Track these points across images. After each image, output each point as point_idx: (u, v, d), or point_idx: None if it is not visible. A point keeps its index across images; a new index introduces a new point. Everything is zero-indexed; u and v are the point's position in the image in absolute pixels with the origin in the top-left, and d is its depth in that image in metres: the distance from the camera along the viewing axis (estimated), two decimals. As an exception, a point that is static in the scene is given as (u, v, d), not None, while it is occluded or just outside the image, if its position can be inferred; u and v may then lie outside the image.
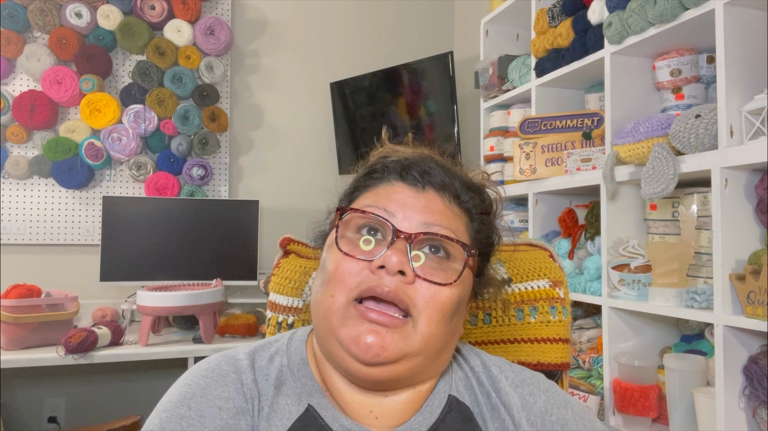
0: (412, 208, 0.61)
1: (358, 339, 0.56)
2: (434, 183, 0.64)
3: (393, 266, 0.57)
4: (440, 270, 0.60)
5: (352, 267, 0.59)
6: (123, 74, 2.64)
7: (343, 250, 0.60)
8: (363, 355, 0.56)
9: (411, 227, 0.60)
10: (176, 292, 2.05)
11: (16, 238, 2.49)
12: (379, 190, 0.64)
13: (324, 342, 0.61)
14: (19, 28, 2.45)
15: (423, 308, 0.58)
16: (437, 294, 0.59)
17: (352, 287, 0.58)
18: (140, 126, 2.56)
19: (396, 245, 0.58)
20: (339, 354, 0.59)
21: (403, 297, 0.57)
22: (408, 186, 0.64)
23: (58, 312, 2.04)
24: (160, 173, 2.61)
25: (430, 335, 0.58)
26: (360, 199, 0.66)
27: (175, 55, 2.61)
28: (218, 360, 0.63)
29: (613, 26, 1.59)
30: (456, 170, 0.67)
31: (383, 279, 0.57)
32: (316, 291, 0.62)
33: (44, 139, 2.48)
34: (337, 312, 0.58)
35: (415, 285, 0.58)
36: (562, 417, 0.66)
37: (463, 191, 0.65)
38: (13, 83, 2.50)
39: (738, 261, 1.28)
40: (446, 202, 0.64)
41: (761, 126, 1.24)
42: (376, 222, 0.61)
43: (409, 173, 0.64)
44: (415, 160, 0.65)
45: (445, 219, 0.62)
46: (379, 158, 0.68)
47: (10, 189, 2.50)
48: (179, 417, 0.56)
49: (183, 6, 2.60)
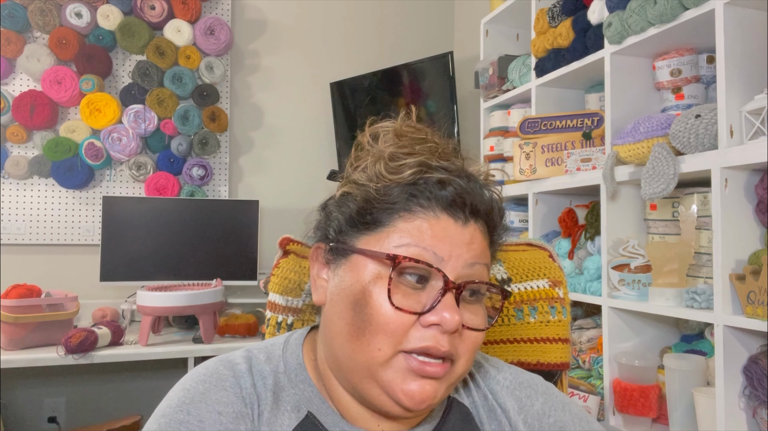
0: (459, 246, 0.58)
1: (412, 393, 0.56)
2: (475, 213, 0.60)
3: (451, 327, 0.55)
4: (477, 311, 0.60)
5: (405, 322, 0.56)
6: (123, 74, 2.64)
7: (395, 304, 0.56)
8: (416, 407, 0.56)
9: (458, 269, 0.58)
10: (176, 292, 2.05)
11: (16, 238, 2.49)
12: (424, 222, 0.58)
13: (358, 384, 0.59)
14: (19, 28, 2.45)
15: (464, 353, 0.58)
16: (476, 339, 0.59)
17: (403, 341, 0.56)
18: (140, 126, 2.56)
19: (447, 299, 0.56)
20: (380, 399, 0.58)
21: (453, 352, 0.57)
22: (453, 219, 0.59)
23: (58, 312, 2.04)
24: (160, 173, 2.61)
25: (464, 371, 0.60)
26: (398, 226, 0.58)
27: (175, 55, 2.61)
28: (216, 365, 0.62)
29: (613, 26, 1.59)
30: (488, 191, 0.63)
31: (438, 338, 0.56)
32: (349, 331, 0.58)
33: (44, 139, 2.48)
34: (383, 363, 0.56)
35: (461, 334, 0.58)
36: (560, 419, 0.66)
37: (497, 217, 0.63)
38: (13, 83, 2.50)
39: (738, 261, 1.28)
40: (483, 234, 0.61)
41: (761, 126, 1.24)
42: (429, 272, 0.58)
43: (454, 204, 0.59)
44: (455, 181, 0.59)
45: (483, 254, 0.60)
46: (413, 174, 0.59)
47: (10, 189, 2.50)
48: (178, 422, 0.56)
49: (183, 6, 2.60)
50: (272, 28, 2.91)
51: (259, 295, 2.60)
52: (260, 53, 2.89)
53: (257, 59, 2.88)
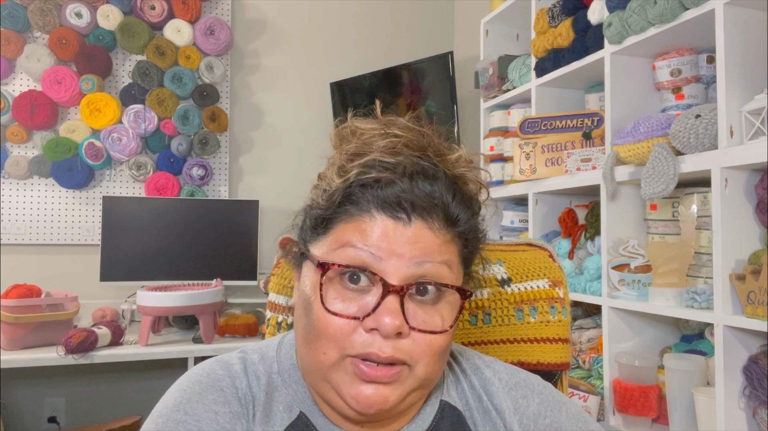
0: (400, 246, 0.55)
1: (358, 396, 0.55)
2: (420, 210, 0.56)
3: (389, 332, 0.53)
4: (434, 312, 0.57)
5: (343, 327, 0.55)
6: (123, 74, 2.64)
7: (330, 310, 0.55)
8: (366, 410, 0.55)
9: (401, 270, 0.55)
10: (176, 292, 2.05)
11: (16, 238, 2.49)
12: (360, 223, 0.56)
13: (316, 386, 0.59)
14: (19, 28, 2.45)
15: (420, 357, 0.56)
16: (433, 342, 0.56)
17: (345, 346, 0.55)
18: (140, 126, 2.56)
19: (388, 302, 0.54)
20: (336, 401, 0.57)
21: (400, 357, 0.55)
22: (392, 219, 0.56)
23: (58, 312, 2.04)
24: (160, 173, 2.61)
25: (427, 375, 0.57)
26: (338, 231, 0.58)
27: (175, 55, 2.61)
28: (212, 365, 0.62)
29: (613, 26, 1.59)
30: (444, 172, 0.59)
31: (378, 343, 0.54)
32: (304, 335, 0.58)
33: (44, 139, 2.48)
34: (331, 366, 0.56)
35: (411, 336, 0.55)
36: (556, 419, 0.66)
37: (456, 207, 0.58)
38: (13, 83, 2.50)
39: (738, 261, 1.28)
40: (435, 231, 0.56)
41: (761, 126, 1.24)
42: (364, 274, 0.56)
43: (391, 201, 0.56)
44: (395, 179, 0.56)
45: (436, 252, 0.56)
46: (355, 175, 0.57)
47: (10, 189, 2.50)
48: (176, 422, 0.56)
49: (183, 6, 2.60)
50: (272, 28, 2.91)
51: (259, 295, 2.60)
52: (260, 53, 2.89)
53: (257, 59, 2.88)
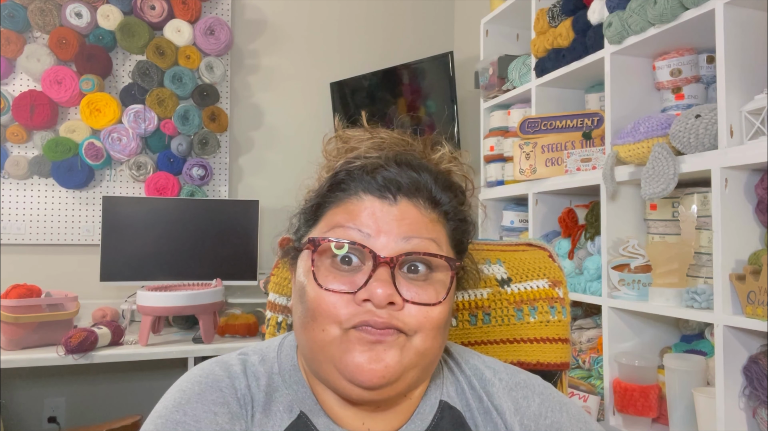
0: (387, 223, 0.58)
1: (361, 367, 0.55)
2: (405, 191, 0.59)
3: (380, 301, 0.55)
4: (427, 286, 0.58)
5: (337, 302, 0.56)
6: (123, 74, 2.64)
7: (323, 286, 0.57)
8: (369, 381, 0.55)
9: (390, 245, 0.57)
10: (176, 292, 2.05)
11: (16, 238, 2.49)
12: (348, 205, 0.60)
13: (319, 371, 0.59)
14: (19, 28, 2.45)
15: (417, 328, 0.57)
16: (429, 314, 0.57)
17: (343, 320, 0.56)
18: (140, 126, 2.56)
19: (379, 274, 0.56)
20: (339, 382, 0.57)
21: (395, 323, 0.56)
22: (379, 199, 0.59)
23: (58, 312, 2.04)
24: (160, 173, 2.61)
25: (425, 349, 0.58)
26: (328, 216, 0.61)
27: (175, 55, 2.61)
28: (212, 366, 0.62)
29: (613, 26, 1.59)
30: (427, 164, 0.63)
31: (374, 312, 0.55)
32: (302, 322, 0.59)
33: (44, 139, 2.48)
34: (331, 342, 0.57)
35: (406, 309, 0.57)
36: (557, 420, 0.65)
37: (439, 191, 0.61)
38: (13, 83, 2.50)
39: (738, 261, 1.28)
40: (421, 209, 0.60)
41: (761, 126, 1.24)
42: (353, 249, 0.58)
43: (377, 184, 0.59)
44: (381, 164, 0.60)
45: (423, 228, 0.59)
46: (342, 164, 0.63)
47: (10, 189, 2.50)
48: (175, 422, 0.56)
49: (183, 6, 2.60)
50: (272, 28, 2.91)
51: (259, 295, 2.60)
52: (260, 53, 2.89)
53: (257, 59, 2.88)
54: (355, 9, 3.03)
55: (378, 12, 3.06)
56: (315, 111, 2.94)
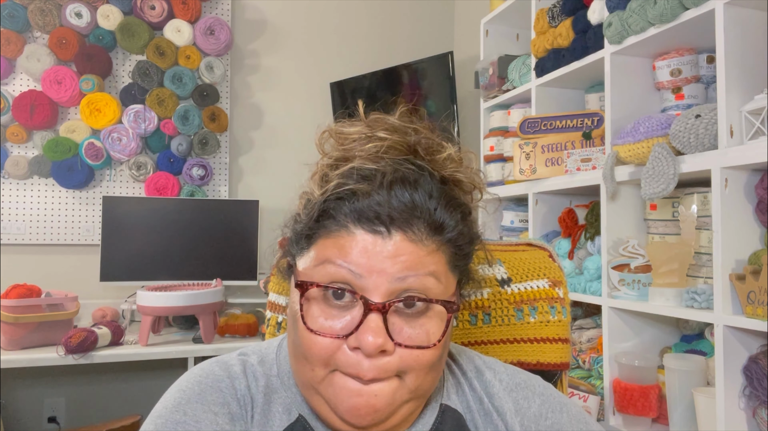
0: (380, 261, 0.53)
1: (351, 410, 0.54)
2: (399, 223, 0.54)
3: (371, 351, 0.52)
4: (419, 328, 0.55)
5: (328, 346, 0.54)
6: (123, 74, 2.64)
7: (312, 329, 0.54)
8: (359, 422, 0.55)
9: (383, 286, 0.53)
10: (176, 292, 2.05)
11: (16, 238, 2.49)
12: (338, 239, 0.55)
13: (311, 401, 0.59)
14: (19, 28, 2.45)
15: (409, 370, 0.55)
16: (421, 357, 0.55)
17: (331, 364, 0.55)
18: (140, 126, 2.56)
19: (369, 320, 0.53)
20: (329, 416, 0.57)
21: (384, 375, 0.54)
22: (371, 234, 0.54)
23: (58, 312, 2.04)
24: (160, 173, 2.61)
25: (418, 385, 0.56)
26: (319, 246, 0.56)
27: (175, 55, 2.61)
28: (212, 366, 0.62)
29: (613, 26, 1.59)
30: (429, 179, 0.56)
31: (363, 365, 0.53)
32: (293, 352, 0.58)
33: (44, 139, 2.48)
34: (321, 382, 0.56)
35: (397, 352, 0.54)
36: (558, 420, 0.65)
37: (442, 212, 0.55)
38: (13, 83, 2.50)
39: (738, 261, 1.28)
40: (417, 244, 0.54)
41: (761, 126, 1.24)
42: (345, 292, 0.55)
43: (368, 216, 0.54)
44: (372, 192, 0.54)
45: (419, 264, 0.54)
46: (333, 188, 0.56)
47: (10, 189, 2.50)
48: (175, 422, 0.56)
49: (183, 6, 2.60)
50: (272, 28, 2.91)
51: (259, 295, 2.60)
52: (260, 53, 2.89)
53: (257, 59, 2.88)
54: (355, 9, 3.03)
55: (378, 12, 3.06)
56: (315, 111, 2.94)
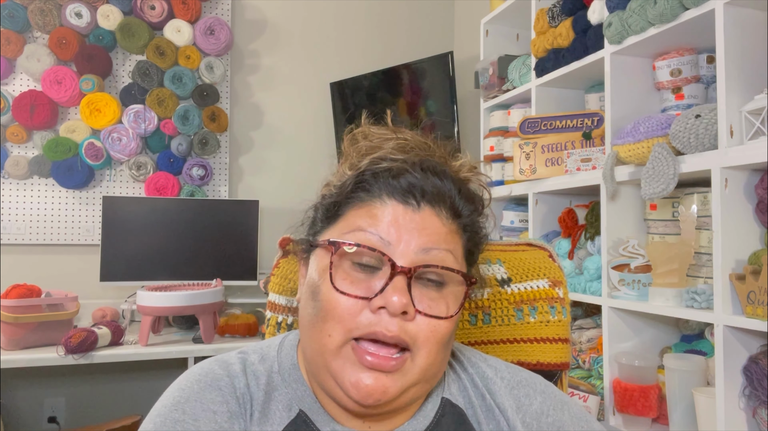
0: (409, 231, 0.57)
1: (358, 384, 0.55)
2: (429, 198, 0.59)
3: (396, 309, 0.54)
4: (439, 299, 0.58)
5: (351, 307, 0.56)
6: (123, 74, 2.64)
7: (339, 289, 0.57)
8: (364, 400, 0.55)
9: (409, 254, 0.57)
10: (176, 292, 2.05)
11: (16, 238, 2.49)
12: (371, 208, 0.59)
13: (317, 375, 0.59)
14: (19, 28, 2.45)
15: (423, 343, 0.56)
16: (437, 328, 0.57)
17: (352, 327, 0.56)
18: (140, 126, 2.56)
19: (396, 283, 0.55)
20: (335, 391, 0.57)
21: (404, 338, 0.56)
22: (402, 205, 0.58)
23: (58, 312, 2.04)
24: (160, 173, 2.61)
25: (429, 365, 0.58)
26: (349, 216, 0.60)
27: (175, 55, 2.61)
28: (211, 365, 0.62)
29: (613, 26, 1.59)
30: (450, 172, 0.62)
31: (385, 322, 0.55)
32: (311, 320, 0.59)
33: (44, 139, 2.48)
34: (333, 351, 0.56)
35: (416, 320, 0.56)
36: (559, 418, 0.66)
37: (461, 201, 0.61)
38: (13, 83, 2.50)
39: (738, 261, 1.28)
40: (442, 219, 0.59)
41: (761, 126, 1.24)
42: (373, 256, 0.58)
43: (402, 188, 0.59)
44: (406, 169, 0.60)
45: (442, 239, 0.59)
46: (367, 164, 0.61)
47: (10, 189, 2.50)
48: (174, 421, 0.56)
49: (183, 6, 2.60)
50: (272, 28, 2.91)
51: (259, 295, 2.60)
52: (260, 53, 2.89)
53: (257, 59, 2.88)
54: (355, 9, 3.03)
55: (378, 12, 3.06)
56: (315, 111, 2.94)
